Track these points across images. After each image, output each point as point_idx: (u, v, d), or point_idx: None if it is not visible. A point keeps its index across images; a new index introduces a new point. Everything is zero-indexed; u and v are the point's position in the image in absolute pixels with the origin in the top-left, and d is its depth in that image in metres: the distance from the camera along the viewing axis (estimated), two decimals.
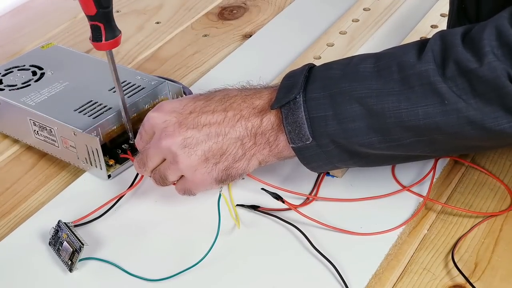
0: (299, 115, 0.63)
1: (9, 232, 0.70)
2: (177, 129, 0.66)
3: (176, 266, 0.64)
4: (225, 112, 0.66)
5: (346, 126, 0.62)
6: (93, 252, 0.66)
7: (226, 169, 0.67)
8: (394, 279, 0.64)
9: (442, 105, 0.59)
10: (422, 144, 0.63)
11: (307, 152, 0.65)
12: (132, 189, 0.73)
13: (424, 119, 0.60)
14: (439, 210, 0.71)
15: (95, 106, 0.78)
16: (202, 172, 0.66)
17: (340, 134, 0.63)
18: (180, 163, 0.66)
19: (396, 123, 0.61)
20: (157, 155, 0.68)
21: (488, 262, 0.65)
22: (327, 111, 0.63)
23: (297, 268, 0.65)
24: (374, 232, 0.67)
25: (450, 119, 0.59)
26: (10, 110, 0.80)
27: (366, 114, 0.62)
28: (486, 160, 0.77)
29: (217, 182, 0.68)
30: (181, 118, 0.67)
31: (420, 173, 0.74)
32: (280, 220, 0.69)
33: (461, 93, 0.59)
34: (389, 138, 0.62)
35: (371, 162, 0.68)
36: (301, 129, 0.63)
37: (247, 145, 0.66)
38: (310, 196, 0.72)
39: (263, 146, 0.66)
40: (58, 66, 0.86)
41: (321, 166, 0.67)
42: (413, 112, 0.60)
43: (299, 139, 0.64)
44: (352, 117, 0.62)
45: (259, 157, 0.67)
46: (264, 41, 1.02)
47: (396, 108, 0.61)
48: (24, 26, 1.11)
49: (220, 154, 0.66)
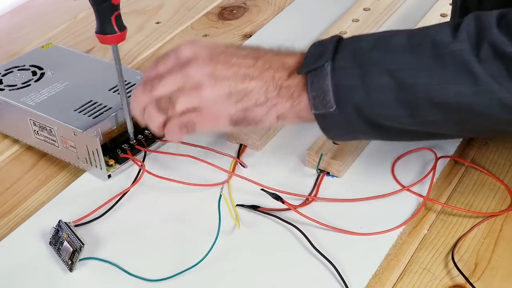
0: (325, 82, 0.63)
1: (9, 232, 0.70)
2: (208, 61, 0.66)
3: (176, 266, 0.64)
4: (256, 60, 0.66)
5: (374, 97, 0.62)
6: (93, 252, 0.66)
7: (245, 109, 0.66)
8: (394, 279, 0.64)
9: (474, 85, 0.59)
10: (449, 122, 0.63)
11: (328, 120, 0.64)
12: (135, 184, 0.73)
13: (455, 97, 0.60)
14: (439, 210, 0.71)
15: (95, 106, 0.78)
16: (221, 106, 0.65)
17: (367, 104, 0.62)
18: (204, 90, 0.65)
19: (426, 98, 0.61)
20: (175, 81, 0.66)
21: (488, 262, 0.65)
22: (356, 81, 0.62)
23: (297, 268, 0.65)
24: (374, 232, 0.67)
25: (482, 99, 0.59)
26: (10, 110, 0.80)
27: (396, 87, 0.61)
28: (486, 160, 0.77)
29: (231, 122, 0.66)
30: (213, 53, 0.66)
31: (420, 173, 0.74)
32: (280, 220, 0.69)
33: (495, 75, 0.58)
34: (416, 113, 0.62)
35: (392, 136, 0.68)
36: (326, 96, 0.63)
37: (271, 93, 0.65)
38: (310, 197, 0.72)
39: (286, 99, 0.65)
40: (58, 66, 0.86)
41: (340, 135, 0.67)
42: (444, 90, 0.60)
43: (323, 106, 0.63)
44: (381, 88, 0.61)
45: (279, 110, 0.66)
46: (264, 41, 1.01)
47: (427, 83, 0.60)
48: (24, 26, 1.11)
49: (244, 94, 0.65)
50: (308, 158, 0.76)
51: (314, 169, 0.75)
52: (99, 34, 0.69)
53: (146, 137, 0.78)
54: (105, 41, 0.70)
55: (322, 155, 0.74)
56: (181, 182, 0.73)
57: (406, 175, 0.74)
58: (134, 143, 0.77)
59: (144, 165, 0.76)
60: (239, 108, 0.65)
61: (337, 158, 0.74)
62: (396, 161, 0.76)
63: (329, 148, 0.75)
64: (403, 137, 0.69)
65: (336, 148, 0.75)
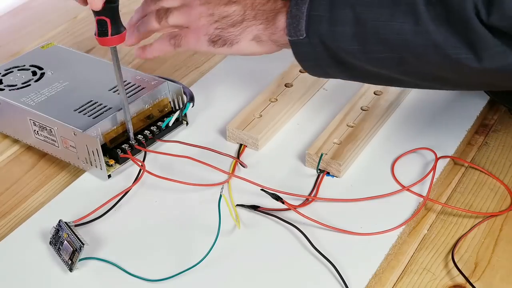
0: (301, 10, 0.67)
1: (9, 232, 0.70)
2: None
3: (176, 266, 0.64)
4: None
5: (335, 29, 0.66)
6: (93, 252, 0.66)
7: (221, 28, 0.73)
8: (394, 279, 0.64)
9: (415, 25, 0.62)
10: (393, 62, 0.66)
11: (299, 48, 0.69)
12: (136, 183, 0.73)
13: (397, 34, 0.63)
14: (439, 210, 0.71)
15: (95, 106, 0.78)
16: (203, 22, 0.73)
17: (329, 35, 0.67)
18: (193, 9, 0.74)
19: (374, 34, 0.64)
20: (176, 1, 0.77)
21: (488, 262, 0.65)
22: (324, 12, 0.66)
23: (297, 268, 0.65)
24: (374, 232, 0.67)
25: (418, 39, 0.63)
26: (10, 110, 0.80)
27: (354, 21, 0.65)
28: (486, 160, 0.77)
29: (209, 41, 0.74)
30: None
31: (420, 173, 0.74)
32: (280, 220, 0.69)
33: (435, 18, 0.61)
34: (366, 48, 0.66)
35: (355, 75, 0.71)
36: (299, 23, 0.68)
37: (247, 16, 0.72)
38: (310, 197, 0.72)
39: (261, 21, 0.72)
40: (58, 66, 0.86)
41: (312, 68, 0.72)
42: (389, 26, 0.64)
43: (295, 33, 0.68)
44: (342, 21, 0.66)
45: (254, 31, 0.72)
46: None
47: (376, 19, 0.64)
48: (24, 26, 1.11)
49: (224, 16, 0.73)
50: (308, 158, 0.76)
51: (314, 169, 0.75)
52: (99, 37, 0.70)
53: (146, 137, 0.78)
54: (105, 43, 0.70)
55: (322, 155, 0.74)
56: (181, 182, 0.73)
57: (406, 175, 0.74)
58: (134, 143, 0.77)
59: (144, 165, 0.76)
60: (216, 26, 0.73)
61: (337, 158, 0.74)
62: (396, 161, 0.76)
63: (329, 148, 0.75)
64: (367, 78, 0.73)
65: (336, 148, 0.75)
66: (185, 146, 0.78)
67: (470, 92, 0.85)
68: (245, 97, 0.87)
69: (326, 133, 0.78)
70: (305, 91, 0.86)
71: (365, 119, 0.80)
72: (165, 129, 0.80)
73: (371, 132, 0.79)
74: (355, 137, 0.77)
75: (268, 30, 0.71)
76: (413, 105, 0.85)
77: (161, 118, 0.81)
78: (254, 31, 0.72)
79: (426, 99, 0.86)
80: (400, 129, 0.81)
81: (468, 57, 0.61)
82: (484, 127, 0.83)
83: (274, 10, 0.71)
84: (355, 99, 0.83)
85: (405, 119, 0.83)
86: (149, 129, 0.79)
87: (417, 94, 0.87)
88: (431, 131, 0.80)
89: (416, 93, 0.87)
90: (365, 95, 0.84)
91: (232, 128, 0.80)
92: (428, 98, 0.86)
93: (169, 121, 0.80)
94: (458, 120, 0.82)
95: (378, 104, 0.82)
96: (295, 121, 0.84)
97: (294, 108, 0.84)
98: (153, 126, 0.79)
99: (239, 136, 0.80)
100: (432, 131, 0.80)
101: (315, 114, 0.84)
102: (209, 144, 0.79)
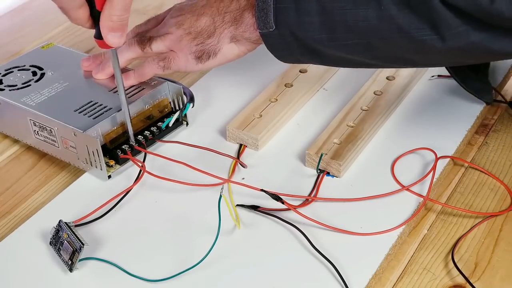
0: (267, 3, 0.70)
1: (9, 232, 0.70)
2: (178, 11, 0.79)
3: (176, 266, 0.64)
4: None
5: (303, 19, 0.69)
6: (93, 252, 0.67)
7: (201, 44, 0.76)
8: (394, 279, 0.64)
9: (379, 10, 0.65)
10: (362, 47, 0.68)
11: (271, 40, 0.72)
12: (137, 182, 0.73)
13: (363, 21, 0.66)
14: (439, 210, 0.71)
15: (95, 107, 0.78)
16: (184, 43, 0.77)
17: (297, 26, 0.69)
18: (172, 33, 0.77)
19: (341, 22, 0.67)
20: (155, 29, 0.80)
21: (488, 262, 0.65)
22: (290, 4, 0.69)
23: (297, 268, 0.65)
24: (374, 232, 0.67)
25: (383, 24, 0.65)
26: (10, 110, 0.80)
27: (320, 11, 0.67)
28: (486, 160, 0.77)
29: (196, 58, 0.77)
30: (183, 6, 0.79)
31: (420, 173, 0.74)
32: (280, 220, 0.69)
33: (397, 2, 0.64)
34: (334, 37, 0.68)
35: (327, 61, 0.74)
36: (267, 16, 0.70)
37: (217, 23, 0.75)
38: (310, 197, 0.72)
39: (231, 23, 0.75)
40: (58, 66, 0.86)
41: (285, 57, 0.74)
42: (355, 13, 0.66)
43: (265, 26, 0.71)
44: (309, 11, 0.68)
45: (227, 34, 0.75)
46: None
47: (342, 7, 0.66)
48: (24, 26, 1.11)
49: (198, 31, 0.76)
50: (308, 158, 0.76)
51: (314, 169, 0.75)
52: (99, 40, 0.69)
53: (146, 138, 0.78)
54: (104, 46, 0.69)
55: (322, 155, 0.74)
56: (181, 183, 0.73)
57: (406, 175, 0.74)
58: (134, 144, 0.77)
59: (144, 166, 0.76)
60: (196, 43, 0.77)
61: (337, 158, 0.74)
62: (396, 161, 0.76)
63: (329, 148, 0.75)
64: (338, 63, 0.75)
65: (336, 148, 0.75)
66: (185, 146, 0.78)
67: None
68: (245, 97, 0.87)
69: (326, 133, 0.78)
70: (305, 91, 0.86)
71: (365, 119, 0.80)
72: (165, 129, 0.80)
73: (371, 132, 0.79)
74: (355, 137, 0.77)
75: (239, 29, 0.74)
76: (413, 105, 0.85)
77: (161, 119, 0.81)
78: (228, 33, 0.75)
79: (426, 99, 0.86)
80: (400, 129, 0.81)
81: (432, 38, 0.64)
82: (484, 127, 0.83)
83: (239, 9, 0.74)
84: (355, 99, 0.83)
85: (405, 119, 0.83)
86: (149, 129, 0.79)
87: (417, 94, 0.87)
88: (431, 131, 0.80)
89: (416, 93, 0.87)
90: (365, 95, 0.84)
91: (232, 128, 0.80)
92: (428, 98, 0.86)
93: (169, 121, 0.80)
94: (458, 120, 0.82)
95: (378, 104, 0.82)
96: (295, 121, 0.84)
97: (294, 108, 0.84)
98: (153, 127, 0.79)
99: (239, 136, 0.80)
100: (432, 131, 0.80)
101: (315, 114, 0.84)
102: (209, 144, 0.79)
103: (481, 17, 0.62)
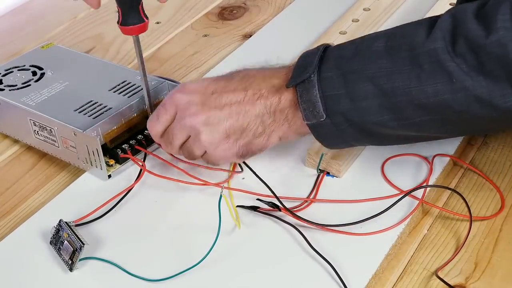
0: (313, 93, 0.65)
1: (9, 232, 0.70)
2: (200, 109, 0.69)
3: (176, 266, 0.64)
4: (245, 91, 0.68)
5: (359, 105, 0.63)
6: (94, 251, 0.67)
7: (246, 144, 0.69)
8: (394, 279, 0.64)
9: (450, 83, 0.59)
10: (434, 123, 0.63)
11: (321, 130, 0.67)
12: (138, 181, 0.73)
13: (433, 97, 0.60)
14: (439, 210, 0.71)
15: (95, 106, 0.78)
16: (224, 148, 0.69)
17: (353, 112, 0.64)
18: (203, 140, 0.69)
19: (407, 101, 0.62)
20: (181, 132, 0.70)
21: (488, 262, 0.65)
22: (340, 90, 0.64)
23: (296, 269, 0.64)
24: (374, 232, 0.67)
25: (459, 97, 0.59)
26: (10, 110, 0.80)
27: (378, 93, 0.62)
28: (486, 160, 0.77)
29: (238, 157, 0.70)
30: (204, 98, 0.69)
31: (420, 173, 0.74)
32: (280, 221, 0.69)
33: (469, 70, 0.58)
34: (400, 116, 0.63)
35: (385, 141, 0.69)
36: (315, 107, 0.65)
37: (266, 122, 0.68)
38: (308, 199, 0.72)
39: (282, 122, 0.68)
40: (58, 66, 0.86)
41: (336, 143, 0.69)
42: (422, 90, 0.61)
43: (313, 116, 0.65)
44: (364, 95, 0.63)
45: (279, 133, 0.69)
46: (264, 41, 1.02)
47: (406, 86, 0.61)
48: (24, 26, 1.11)
49: (241, 132, 0.68)
50: (308, 158, 0.76)
51: (314, 169, 0.75)
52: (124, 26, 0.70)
53: (146, 138, 0.78)
54: (127, 32, 0.70)
55: (322, 155, 0.74)
56: (181, 182, 0.73)
57: (406, 175, 0.74)
58: (134, 143, 0.77)
59: (144, 165, 0.76)
60: (240, 145, 0.69)
61: (337, 158, 0.74)
62: (396, 161, 0.76)
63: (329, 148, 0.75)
64: (396, 141, 0.70)
65: None
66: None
67: None
68: None
69: None
70: None
71: None
72: None
73: None
74: None
75: (291, 127, 0.69)
76: None
77: None
78: (279, 133, 0.69)
79: None
80: None
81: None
82: None
83: (291, 105, 0.67)
84: None
85: None
86: None
87: None
88: None
89: None
90: None
91: None
92: None
93: None
94: None
95: None
96: None
97: None
98: None
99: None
100: None
101: None
102: None
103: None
